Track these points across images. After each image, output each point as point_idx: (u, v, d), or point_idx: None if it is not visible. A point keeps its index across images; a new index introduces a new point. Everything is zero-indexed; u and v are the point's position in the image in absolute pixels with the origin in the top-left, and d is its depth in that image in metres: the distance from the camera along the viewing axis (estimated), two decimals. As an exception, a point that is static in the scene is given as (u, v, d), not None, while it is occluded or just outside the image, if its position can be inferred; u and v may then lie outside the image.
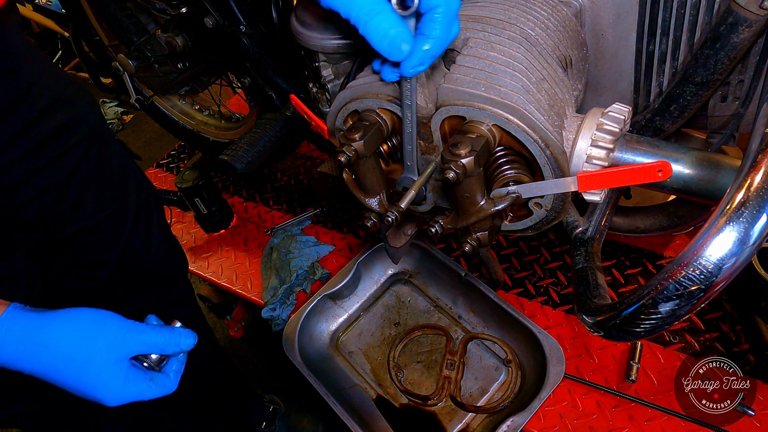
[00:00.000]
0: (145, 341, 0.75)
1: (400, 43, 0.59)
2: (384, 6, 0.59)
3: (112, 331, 0.73)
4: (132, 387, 0.73)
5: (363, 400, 1.34)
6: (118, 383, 0.72)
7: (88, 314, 0.74)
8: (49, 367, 0.70)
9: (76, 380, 0.70)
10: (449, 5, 0.59)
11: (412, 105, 0.70)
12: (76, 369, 0.70)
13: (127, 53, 1.46)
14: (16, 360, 0.69)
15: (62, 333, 0.70)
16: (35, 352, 0.69)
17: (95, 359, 0.70)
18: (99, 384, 0.71)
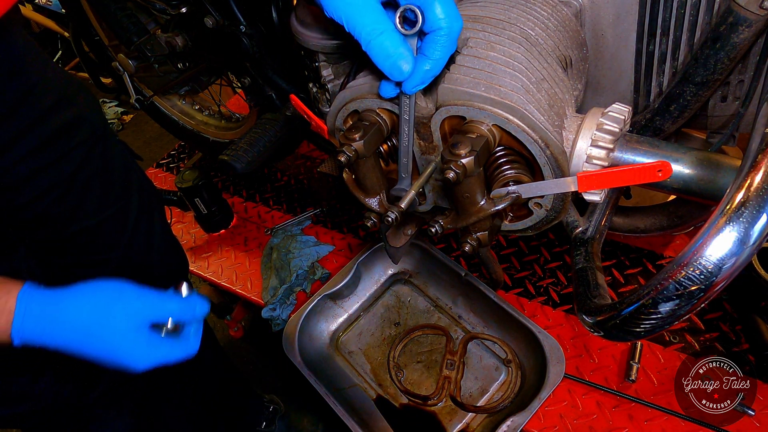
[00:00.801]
0: (162, 308, 0.76)
1: (401, 64, 0.61)
2: (387, 26, 0.60)
3: (130, 299, 0.74)
4: (156, 351, 0.74)
5: (363, 400, 1.34)
6: (141, 349, 0.73)
7: (105, 286, 0.75)
8: (71, 341, 0.71)
9: (100, 351, 0.72)
10: (452, 28, 0.60)
11: (410, 120, 0.71)
12: (98, 340, 0.71)
13: (127, 53, 1.46)
14: (37, 337, 0.70)
15: (81, 306, 0.71)
16: (56, 328, 0.70)
17: (116, 329, 0.71)
18: (123, 352, 0.72)
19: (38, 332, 0.70)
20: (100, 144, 1.02)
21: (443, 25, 0.60)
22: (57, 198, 0.95)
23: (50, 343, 0.71)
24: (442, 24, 0.60)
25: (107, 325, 0.71)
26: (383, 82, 0.69)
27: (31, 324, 0.70)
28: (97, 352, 0.72)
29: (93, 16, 1.73)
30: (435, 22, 0.60)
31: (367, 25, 0.59)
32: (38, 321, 0.70)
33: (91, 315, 0.71)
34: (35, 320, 0.70)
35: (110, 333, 0.71)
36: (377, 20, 0.59)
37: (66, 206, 0.97)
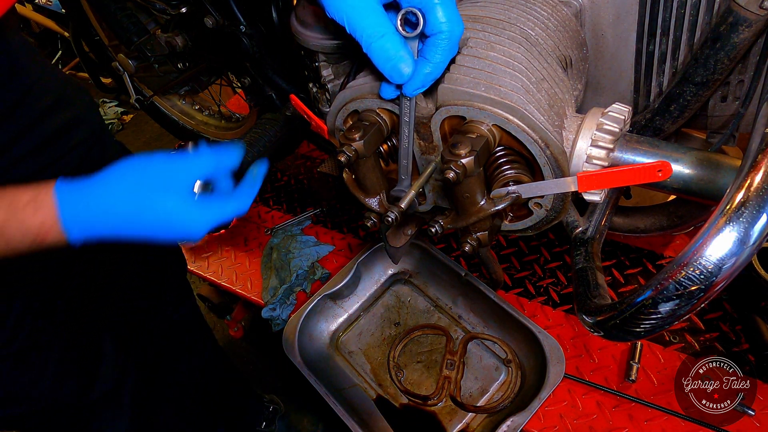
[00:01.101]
0: (196, 166, 0.71)
1: (401, 67, 0.61)
2: (388, 29, 0.60)
3: (168, 165, 0.69)
4: (208, 212, 0.70)
5: (363, 400, 1.34)
6: (193, 213, 0.69)
7: (134, 161, 0.70)
8: (125, 222, 0.67)
9: (157, 225, 0.68)
10: (453, 32, 0.61)
11: (410, 122, 0.71)
12: (152, 213, 0.67)
13: (127, 53, 1.46)
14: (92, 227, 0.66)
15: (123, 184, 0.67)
16: (107, 213, 0.66)
17: (166, 196, 0.67)
18: (179, 219, 0.68)
19: (92, 222, 0.66)
20: (98, 145, 1.02)
21: (444, 28, 0.60)
22: None
23: (106, 232, 0.67)
24: (443, 28, 0.60)
25: (157, 195, 0.67)
26: (384, 84, 0.69)
27: (82, 214, 0.66)
28: (153, 228, 0.68)
29: (93, 16, 1.73)
30: (436, 26, 0.60)
31: (369, 28, 0.59)
32: (88, 209, 0.66)
33: (137, 189, 0.67)
34: (85, 209, 0.66)
35: (162, 202, 0.67)
36: (378, 23, 0.60)
37: None
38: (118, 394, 1.11)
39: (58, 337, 0.98)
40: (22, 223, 0.64)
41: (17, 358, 0.90)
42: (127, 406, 1.12)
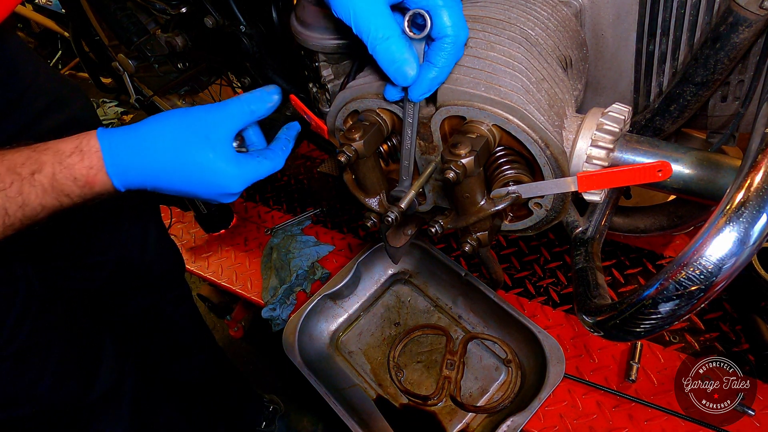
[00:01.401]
0: (233, 115, 0.71)
1: (406, 70, 0.62)
2: (394, 32, 0.60)
3: (203, 119, 0.69)
4: (245, 166, 0.70)
5: (363, 400, 1.34)
6: (231, 168, 0.69)
7: (172, 112, 0.70)
8: (166, 172, 0.67)
9: (198, 177, 0.68)
10: (458, 36, 0.61)
11: (413, 123, 0.71)
12: (194, 165, 0.67)
13: (127, 53, 1.46)
14: (135, 176, 0.67)
15: (163, 135, 0.67)
16: (149, 162, 0.66)
17: (201, 153, 0.67)
18: (215, 177, 0.68)
19: (133, 169, 0.66)
20: None
21: (450, 32, 0.61)
22: None
23: (149, 182, 0.68)
24: (449, 32, 0.61)
25: (195, 147, 0.67)
26: (388, 87, 0.70)
27: (124, 161, 0.66)
28: (191, 180, 0.68)
29: (93, 16, 1.72)
30: (442, 29, 0.61)
31: (375, 30, 0.60)
32: (130, 157, 0.66)
33: (177, 140, 0.67)
34: (127, 156, 0.66)
35: (201, 154, 0.67)
36: (385, 25, 0.60)
37: None
38: (118, 394, 1.11)
39: (57, 337, 0.98)
40: (71, 170, 0.65)
41: (17, 359, 0.90)
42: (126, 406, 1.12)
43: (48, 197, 0.64)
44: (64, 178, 0.65)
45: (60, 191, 0.65)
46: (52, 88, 0.95)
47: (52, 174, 0.64)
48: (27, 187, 0.63)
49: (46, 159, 0.64)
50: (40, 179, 0.64)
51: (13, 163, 0.63)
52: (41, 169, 0.64)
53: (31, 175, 0.63)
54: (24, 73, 0.89)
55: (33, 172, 0.63)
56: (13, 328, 0.88)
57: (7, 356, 0.88)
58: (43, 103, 0.92)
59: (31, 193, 0.63)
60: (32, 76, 0.91)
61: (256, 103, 0.73)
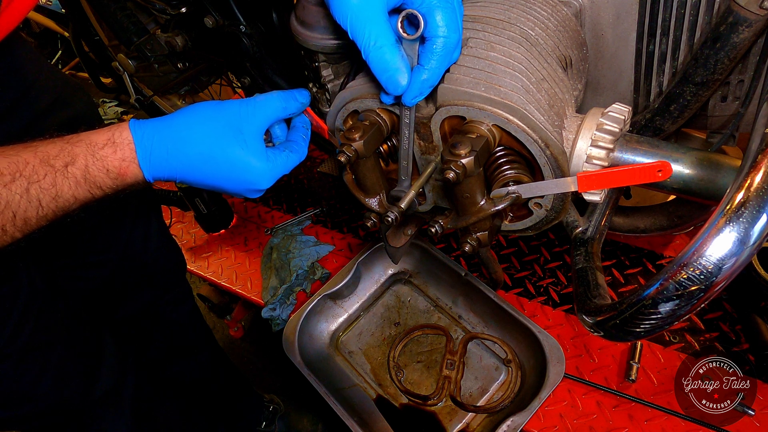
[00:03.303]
0: (266, 111, 0.72)
1: (398, 79, 0.63)
2: (386, 40, 0.61)
3: (234, 115, 0.70)
4: (274, 161, 0.71)
5: (363, 400, 1.34)
6: (263, 162, 0.70)
7: (203, 105, 0.71)
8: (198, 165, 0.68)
9: (228, 170, 0.69)
10: (448, 38, 0.62)
11: (410, 124, 0.71)
12: (224, 158, 0.68)
13: (127, 53, 1.46)
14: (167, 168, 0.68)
15: (196, 127, 0.68)
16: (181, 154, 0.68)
17: (233, 148, 0.68)
18: (246, 172, 0.69)
19: (165, 162, 0.67)
20: None
21: (441, 33, 0.61)
22: None
23: (179, 174, 0.69)
24: (440, 33, 0.61)
25: (227, 142, 0.68)
26: (382, 92, 0.70)
27: (156, 153, 0.67)
28: (222, 174, 0.69)
29: (93, 16, 1.72)
30: (434, 30, 0.61)
31: (369, 36, 0.60)
32: (161, 149, 0.67)
33: (211, 133, 0.68)
34: (159, 148, 0.67)
35: (233, 148, 0.68)
36: (379, 33, 0.60)
37: None
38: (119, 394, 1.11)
39: (59, 336, 0.98)
40: (103, 162, 0.66)
41: (19, 357, 0.90)
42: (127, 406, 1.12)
43: (81, 189, 0.65)
44: (97, 170, 0.66)
45: (93, 183, 0.66)
46: (54, 87, 0.95)
47: (85, 166, 0.65)
48: (60, 179, 0.64)
49: (79, 151, 0.65)
50: (74, 171, 0.64)
51: (47, 155, 0.64)
52: (74, 161, 0.65)
53: (65, 167, 0.64)
54: (27, 71, 0.89)
55: (66, 164, 0.64)
56: (16, 327, 0.88)
57: (9, 354, 0.88)
58: (46, 101, 0.92)
59: (65, 185, 0.64)
60: (35, 74, 0.91)
61: (289, 101, 0.75)
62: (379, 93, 0.73)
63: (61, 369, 0.98)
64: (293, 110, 0.76)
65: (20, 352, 0.90)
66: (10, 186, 0.61)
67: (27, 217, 0.63)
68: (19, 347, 0.89)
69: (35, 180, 0.62)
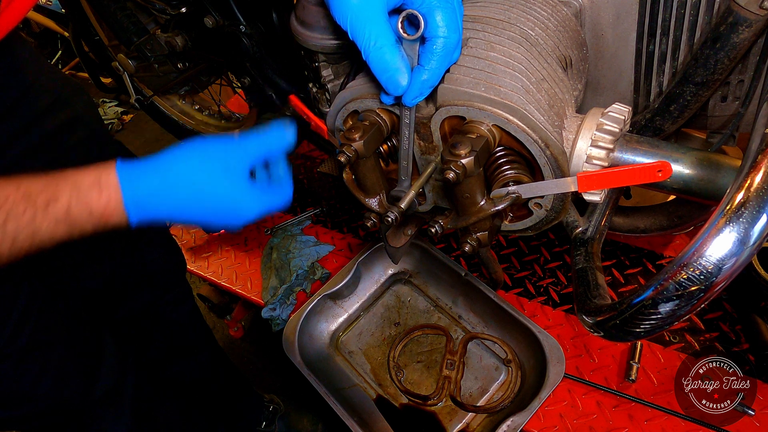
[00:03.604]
0: (253, 149, 0.72)
1: (398, 79, 0.63)
2: (386, 41, 0.61)
3: (223, 152, 0.70)
4: (261, 198, 0.72)
5: (363, 400, 1.34)
6: (248, 200, 0.70)
7: (191, 145, 0.70)
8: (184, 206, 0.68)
9: (213, 208, 0.69)
10: (448, 39, 0.62)
11: (410, 125, 0.72)
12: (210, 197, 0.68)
13: (127, 53, 1.46)
14: (152, 210, 0.68)
15: (182, 168, 0.68)
16: (167, 196, 0.68)
17: (221, 187, 0.68)
18: (232, 209, 0.70)
19: (152, 204, 0.67)
20: (97, 145, 1.02)
21: (441, 34, 0.61)
22: None
23: (165, 215, 0.68)
24: (440, 33, 0.61)
25: (216, 181, 0.68)
26: (382, 92, 0.70)
27: (143, 197, 0.67)
28: (209, 213, 0.69)
29: (93, 16, 1.73)
30: (434, 30, 0.61)
31: (369, 37, 0.60)
32: (148, 192, 0.67)
33: (197, 174, 0.68)
34: (146, 192, 0.67)
35: (221, 187, 0.68)
36: (379, 33, 0.60)
37: None
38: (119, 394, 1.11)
39: (59, 336, 0.98)
40: (87, 204, 0.65)
41: (19, 357, 0.90)
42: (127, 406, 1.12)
43: (60, 228, 0.64)
44: (80, 211, 0.65)
45: (73, 223, 0.65)
46: (54, 87, 0.95)
47: (67, 206, 0.64)
48: (40, 217, 0.62)
49: (64, 190, 0.64)
50: (55, 210, 0.63)
51: (30, 191, 0.62)
52: (57, 199, 0.64)
53: (46, 206, 0.63)
54: (27, 71, 0.89)
55: (48, 203, 0.63)
56: (16, 327, 0.88)
57: (9, 354, 0.88)
58: (46, 101, 0.92)
59: (44, 223, 0.63)
60: (35, 74, 0.91)
61: (275, 142, 0.74)
62: (379, 93, 0.73)
63: (61, 369, 0.98)
64: (280, 149, 0.76)
65: (20, 352, 0.90)
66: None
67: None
68: (19, 347, 0.89)
69: (14, 215, 0.60)
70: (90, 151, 1.00)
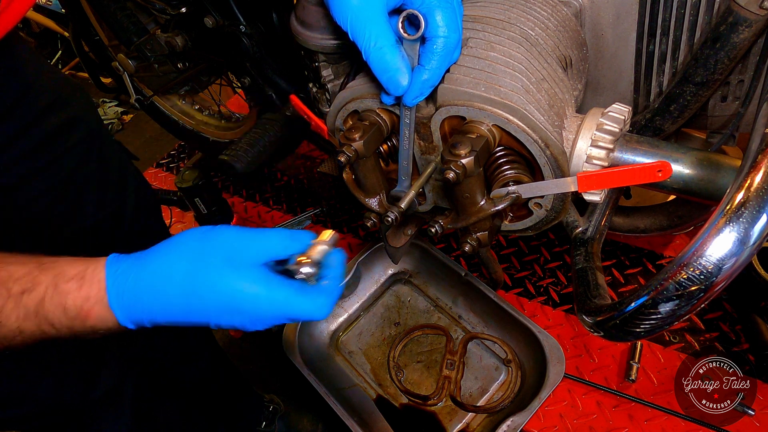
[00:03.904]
0: (262, 246, 0.60)
1: (398, 79, 0.62)
2: (386, 41, 0.60)
3: (224, 244, 0.59)
4: (286, 298, 0.58)
5: (363, 400, 1.34)
6: (263, 297, 0.57)
7: (195, 235, 0.60)
8: (182, 309, 0.58)
9: (218, 312, 0.58)
10: (449, 38, 0.61)
11: (410, 125, 0.71)
12: (212, 301, 0.57)
13: (127, 53, 1.46)
14: (146, 313, 0.58)
15: (185, 265, 0.58)
16: (163, 298, 0.58)
17: (230, 283, 0.57)
18: (239, 307, 0.57)
19: (145, 307, 0.58)
20: (96, 145, 1.02)
21: (441, 34, 0.61)
22: (54, 199, 0.95)
23: (161, 318, 0.59)
24: (440, 33, 0.61)
25: (217, 269, 0.57)
26: (383, 92, 0.70)
27: (129, 290, 0.57)
28: (215, 310, 0.58)
29: (93, 16, 1.73)
30: (434, 30, 0.61)
31: (369, 38, 0.60)
32: (137, 285, 0.57)
33: (192, 260, 0.57)
34: (132, 285, 0.57)
35: (221, 275, 0.57)
36: (379, 33, 0.60)
37: (63, 207, 0.97)
38: (120, 394, 1.11)
39: (59, 337, 0.97)
40: (62, 297, 0.57)
41: (19, 357, 0.90)
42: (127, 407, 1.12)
43: (29, 322, 0.57)
44: (53, 305, 0.57)
45: (44, 318, 0.57)
46: (53, 88, 0.95)
47: (41, 297, 0.56)
48: (10, 306, 0.56)
49: (44, 279, 0.57)
50: (27, 300, 0.56)
51: (10, 276, 0.56)
52: (34, 288, 0.57)
53: (20, 294, 0.56)
54: (26, 72, 0.89)
55: (23, 291, 0.56)
56: None
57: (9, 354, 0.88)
58: (45, 102, 0.92)
59: (13, 313, 0.56)
60: (34, 75, 0.91)
61: (292, 241, 0.62)
62: (379, 93, 0.73)
63: (61, 369, 0.97)
64: (295, 251, 0.63)
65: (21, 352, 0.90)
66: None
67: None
68: (19, 347, 0.89)
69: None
70: (90, 151, 1.00)
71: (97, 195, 1.02)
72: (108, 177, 1.05)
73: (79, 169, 0.98)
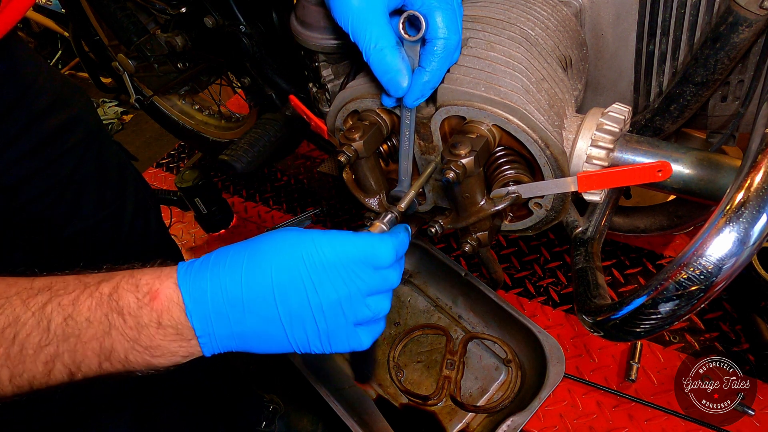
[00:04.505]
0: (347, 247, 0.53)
1: (399, 81, 0.62)
2: (387, 42, 0.60)
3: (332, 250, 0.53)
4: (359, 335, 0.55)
5: (363, 400, 1.34)
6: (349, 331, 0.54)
7: (288, 239, 0.54)
8: (266, 337, 0.55)
9: (305, 340, 0.54)
10: (449, 40, 0.61)
11: (411, 126, 0.71)
12: (300, 326, 0.53)
13: (127, 53, 1.46)
14: (229, 340, 0.56)
15: (271, 278, 0.52)
16: (249, 322, 0.54)
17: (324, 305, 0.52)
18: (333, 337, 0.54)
19: (228, 335, 0.54)
20: (96, 145, 1.02)
21: (441, 35, 0.61)
22: (54, 199, 0.95)
23: (243, 347, 0.56)
24: (440, 34, 0.61)
25: (311, 303, 0.52)
26: (383, 93, 0.70)
27: (218, 327, 0.54)
28: (300, 343, 0.54)
29: (93, 16, 1.73)
30: (434, 31, 0.61)
31: (370, 39, 0.60)
32: (227, 321, 0.54)
33: (288, 289, 0.52)
34: (221, 321, 0.54)
35: (317, 311, 0.52)
36: (380, 35, 0.60)
37: (63, 207, 0.97)
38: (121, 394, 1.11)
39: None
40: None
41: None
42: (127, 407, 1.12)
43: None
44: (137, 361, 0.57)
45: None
46: (53, 88, 0.95)
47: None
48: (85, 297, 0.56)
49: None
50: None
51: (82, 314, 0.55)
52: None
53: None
54: (25, 72, 0.89)
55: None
56: None
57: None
58: (45, 102, 0.92)
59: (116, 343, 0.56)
60: (33, 75, 0.91)
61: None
62: (379, 93, 0.73)
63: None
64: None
65: None
66: None
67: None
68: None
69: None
70: (89, 152, 1.00)
71: (96, 196, 1.02)
72: (107, 177, 1.05)
73: (79, 170, 0.98)
